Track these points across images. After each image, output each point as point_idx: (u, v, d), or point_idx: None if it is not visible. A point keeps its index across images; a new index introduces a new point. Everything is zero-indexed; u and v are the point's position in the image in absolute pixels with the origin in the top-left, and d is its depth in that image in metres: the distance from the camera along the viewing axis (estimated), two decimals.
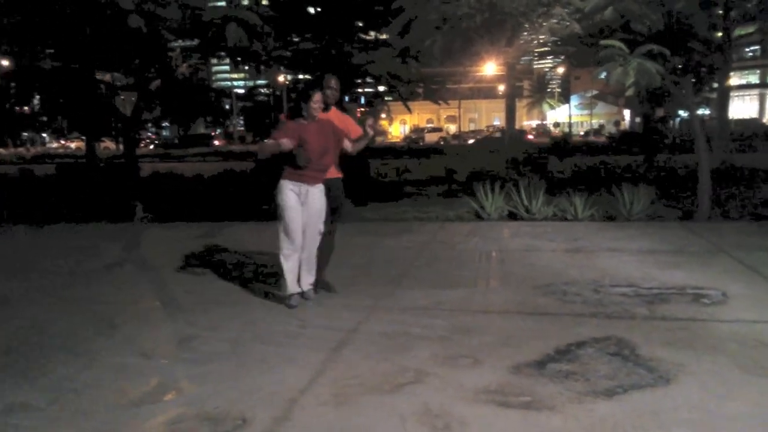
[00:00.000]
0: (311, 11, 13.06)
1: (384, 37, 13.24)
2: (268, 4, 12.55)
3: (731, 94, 18.10)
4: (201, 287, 5.36)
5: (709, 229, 7.21)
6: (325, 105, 4.72)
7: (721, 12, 11.31)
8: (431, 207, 9.67)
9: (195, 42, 12.28)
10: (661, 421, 2.75)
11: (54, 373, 3.51)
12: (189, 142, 49.70)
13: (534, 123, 72.07)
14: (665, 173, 12.31)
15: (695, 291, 4.75)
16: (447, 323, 4.18)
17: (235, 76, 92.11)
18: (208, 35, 10.77)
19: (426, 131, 58.39)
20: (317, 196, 4.66)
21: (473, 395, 3.06)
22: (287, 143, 4.42)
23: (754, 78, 54.22)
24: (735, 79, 45.55)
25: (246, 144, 49.88)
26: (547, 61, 62.37)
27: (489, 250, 6.61)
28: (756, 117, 48.62)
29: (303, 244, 4.64)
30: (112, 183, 11.80)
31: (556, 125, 67.29)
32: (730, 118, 17.92)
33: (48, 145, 58.79)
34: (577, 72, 53.45)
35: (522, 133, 37.83)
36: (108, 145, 41.27)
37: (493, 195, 8.81)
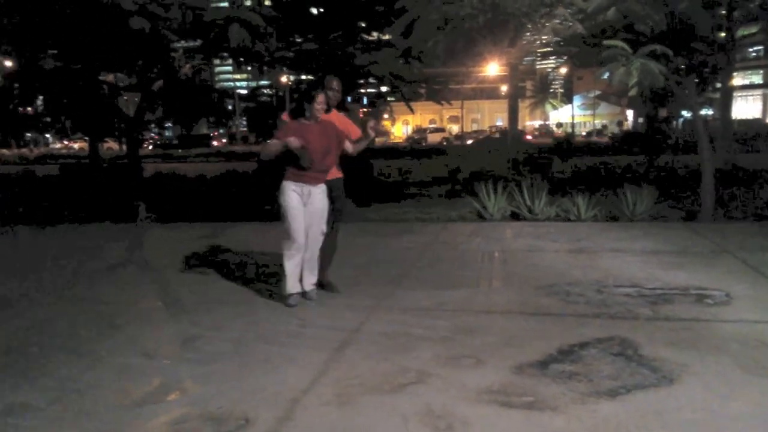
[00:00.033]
0: (314, 12, 13.08)
1: (387, 38, 13.25)
2: (270, 4, 12.55)
3: (734, 94, 18.04)
4: (204, 287, 5.37)
5: (713, 230, 7.19)
6: (327, 106, 4.72)
7: (725, 12, 11.29)
8: (434, 207, 9.66)
9: (198, 43, 12.31)
10: (665, 422, 2.74)
11: (56, 373, 3.51)
12: (188, 142, 49.59)
13: (537, 123, 71.94)
14: (667, 173, 12.28)
15: (699, 291, 4.74)
16: (449, 323, 4.17)
17: (238, 76, 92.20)
18: (210, 36, 10.81)
19: (428, 132, 58.33)
20: (319, 196, 4.67)
21: (476, 395, 3.06)
22: (295, 141, 4.42)
23: (757, 78, 54.15)
24: (738, 80, 45.47)
25: (249, 144, 49.90)
26: (550, 62, 62.44)
27: (491, 250, 6.60)
28: (759, 117, 48.50)
29: (306, 244, 4.65)
30: (115, 183, 11.82)
31: (558, 125, 67.17)
32: (733, 118, 17.86)
33: (51, 146, 58.92)
34: (580, 72, 53.44)
35: (520, 134, 37.72)
36: (111, 146, 41.37)
37: (496, 195, 8.79)
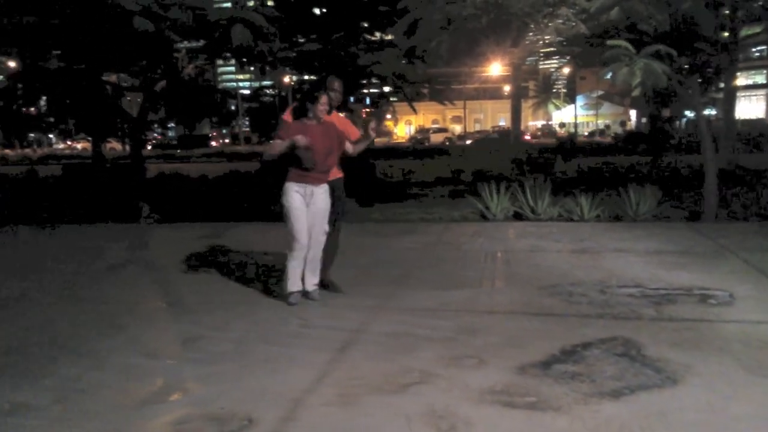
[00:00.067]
0: (317, 12, 13.09)
1: (389, 38, 13.26)
2: (273, 5, 12.57)
3: (738, 94, 18.02)
4: (206, 287, 5.37)
5: (716, 230, 7.17)
6: (329, 107, 4.73)
7: (728, 12, 11.27)
8: (436, 207, 9.65)
9: (201, 43, 12.33)
10: (668, 422, 2.73)
11: (58, 374, 3.52)
12: (186, 142, 49.72)
13: (539, 123, 71.86)
14: (670, 173, 12.25)
15: (702, 292, 4.73)
16: (452, 324, 4.17)
17: (241, 76, 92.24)
18: (214, 36, 10.82)
19: (431, 132, 58.23)
20: (322, 196, 4.68)
21: (478, 396, 3.05)
22: (303, 139, 4.42)
23: (761, 78, 54.07)
24: (741, 80, 45.44)
25: (252, 145, 49.90)
26: (553, 62, 62.28)
27: (494, 250, 6.60)
28: (763, 117, 48.43)
29: (309, 244, 4.65)
30: (118, 183, 11.83)
31: (561, 126, 67.12)
32: (736, 118, 17.83)
33: (54, 146, 59.08)
34: (583, 72, 53.34)
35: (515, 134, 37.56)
36: (114, 146, 41.49)
37: (498, 195, 8.78)
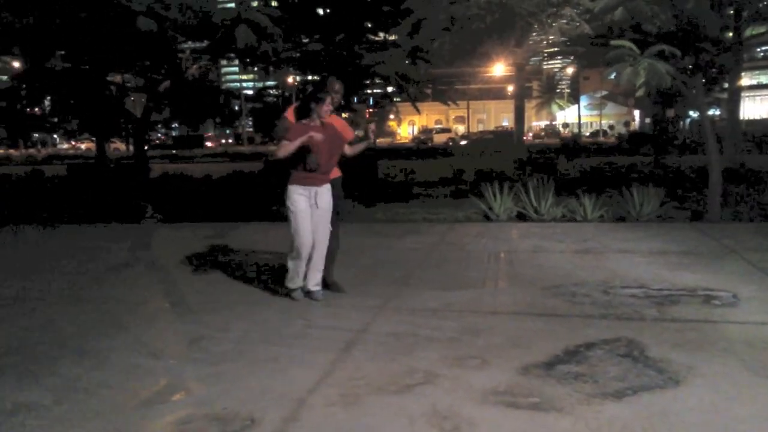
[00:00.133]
0: (320, 12, 13.10)
1: (393, 38, 13.26)
2: (277, 5, 12.58)
3: (742, 94, 17.97)
4: (210, 287, 5.38)
5: (720, 230, 7.16)
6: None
7: (732, 12, 11.24)
8: (439, 208, 9.65)
9: (205, 43, 12.36)
10: (671, 423, 2.73)
11: (59, 373, 3.52)
12: (182, 143, 49.89)
13: (543, 124, 71.75)
14: (674, 174, 12.23)
15: (706, 292, 4.72)
16: (456, 324, 4.17)
17: (244, 77, 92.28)
18: (217, 37, 10.85)
19: (434, 132, 58.20)
20: (326, 195, 4.72)
21: (482, 396, 3.05)
22: (318, 136, 4.47)
23: (765, 78, 53.87)
24: (746, 80, 45.24)
25: (255, 145, 49.94)
26: (557, 62, 62.11)
27: (498, 251, 6.59)
28: (767, 117, 48.25)
29: (314, 243, 4.67)
30: (121, 184, 11.86)
31: (565, 126, 67.00)
32: (741, 118, 17.79)
33: (59, 146, 59.21)
34: (587, 72, 53.30)
35: (509, 134, 37.44)
36: (118, 146, 41.52)
37: (502, 196, 8.77)
